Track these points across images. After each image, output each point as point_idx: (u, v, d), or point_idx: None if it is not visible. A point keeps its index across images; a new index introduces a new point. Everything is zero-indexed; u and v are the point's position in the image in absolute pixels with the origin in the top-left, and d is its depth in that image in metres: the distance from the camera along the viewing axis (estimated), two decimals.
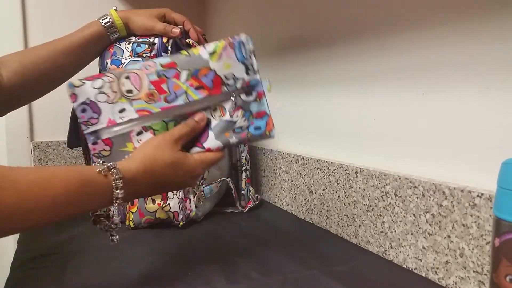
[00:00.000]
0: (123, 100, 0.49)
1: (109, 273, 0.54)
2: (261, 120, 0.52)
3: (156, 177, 0.48)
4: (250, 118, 0.51)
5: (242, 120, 0.51)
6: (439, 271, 0.51)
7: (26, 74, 0.63)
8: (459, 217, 0.48)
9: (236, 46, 0.52)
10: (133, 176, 0.45)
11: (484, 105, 0.47)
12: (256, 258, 0.58)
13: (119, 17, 0.69)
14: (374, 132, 0.63)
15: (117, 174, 0.43)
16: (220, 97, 0.51)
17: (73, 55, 0.67)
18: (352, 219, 0.65)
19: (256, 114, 0.52)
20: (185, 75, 0.51)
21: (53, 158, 1.05)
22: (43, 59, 0.65)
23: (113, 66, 0.71)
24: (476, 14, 0.47)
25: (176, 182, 0.50)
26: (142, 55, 0.71)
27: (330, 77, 0.73)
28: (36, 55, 0.65)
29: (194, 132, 0.51)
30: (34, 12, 1.04)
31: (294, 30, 0.83)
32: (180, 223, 0.73)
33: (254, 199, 0.87)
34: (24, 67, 0.63)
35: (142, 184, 0.47)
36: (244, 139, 0.52)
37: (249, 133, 0.51)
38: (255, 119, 0.51)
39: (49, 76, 0.66)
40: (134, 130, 0.50)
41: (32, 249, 0.63)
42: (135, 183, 0.46)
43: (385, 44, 0.60)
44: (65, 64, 0.67)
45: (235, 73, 0.51)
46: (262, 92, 0.52)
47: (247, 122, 0.51)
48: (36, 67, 0.64)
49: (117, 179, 0.43)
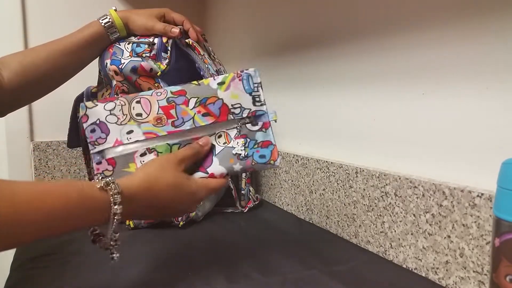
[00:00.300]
0: (132, 122, 0.51)
1: (109, 273, 0.54)
2: (267, 149, 0.53)
3: (157, 197, 0.46)
4: (255, 147, 0.53)
5: (240, 148, 0.52)
6: (439, 271, 0.51)
7: (27, 75, 0.63)
8: (459, 217, 0.48)
9: (244, 78, 0.53)
10: (133, 193, 0.44)
11: (484, 105, 0.47)
12: (256, 258, 0.58)
13: (119, 17, 0.69)
14: (374, 132, 0.63)
15: (116, 189, 0.42)
16: (226, 124, 0.53)
17: (73, 56, 0.67)
18: (352, 219, 0.65)
19: (261, 144, 0.53)
20: (194, 102, 0.52)
21: (53, 158, 1.05)
22: (43, 59, 0.64)
23: (113, 67, 0.70)
24: (476, 14, 0.47)
25: (177, 204, 0.49)
26: (142, 55, 0.71)
27: (330, 77, 0.73)
28: (37, 56, 0.64)
29: (198, 155, 0.51)
30: (34, 12, 1.04)
31: (294, 30, 0.83)
32: (180, 223, 0.73)
33: (254, 199, 0.87)
34: (24, 68, 0.63)
35: (142, 201, 0.45)
36: (249, 167, 0.53)
37: (254, 160, 0.53)
38: (261, 148, 0.53)
39: (49, 76, 0.66)
40: (138, 151, 0.50)
41: (32, 249, 0.63)
42: (134, 200, 0.44)
43: (385, 44, 0.60)
44: (65, 65, 0.67)
45: (242, 104, 0.53)
46: (268, 122, 0.53)
47: (251, 150, 0.53)
48: (36, 67, 0.64)
49: (116, 194, 0.42)
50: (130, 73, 0.70)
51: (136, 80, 0.71)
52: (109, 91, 0.75)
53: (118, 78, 0.71)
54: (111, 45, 0.73)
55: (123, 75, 0.71)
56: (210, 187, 0.51)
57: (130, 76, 0.71)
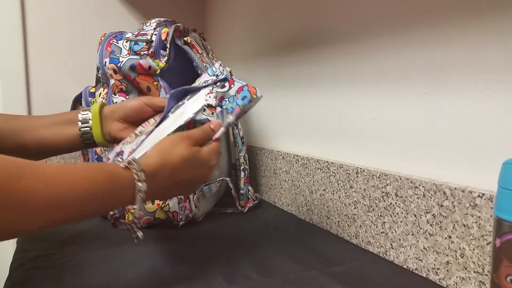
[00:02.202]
0: (138, 137, 0.57)
1: (109, 273, 0.54)
2: (243, 91, 0.56)
3: (175, 172, 0.47)
4: (234, 99, 0.56)
5: (212, 99, 0.56)
6: (440, 272, 0.51)
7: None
8: (460, 217, 0.48)
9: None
10: (153, 170, 0.45)
11: (485, 105, 0.47)
12: (256, 259, 0.58)
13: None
14: (374, 132, 0.63)
15: (139, 166, 0.43)
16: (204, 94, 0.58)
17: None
18: (353, 219, 0.65)
19: (236, 92, 0.56)
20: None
21: (52, 158, 1.05)
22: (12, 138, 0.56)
23: (111, 65, 0.70)
24: (477, 14, 0.47)
25: (193, 175, 0.50)
26: (140, 53, 0.71)
27: (331, 76, 0.72)
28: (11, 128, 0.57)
29: (208, 138, 0.53)
30: (35, 13, 1.04)
31: (294, 30, 0.82)
32: (179, 223, 0.73)
33: (254, 198, 0.86)
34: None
35: (162, 177, 0.46)
36: (240, 113, 0.56)
37: (240, 105, 0.56)
38: (238, 94, 0.56)
39: (11, 150, 0.55)
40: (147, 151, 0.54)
41: (32, 249, 0.63)
42: (156, 176, 0.45)
43: (385, 44, 0.60)
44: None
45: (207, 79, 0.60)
46: (232, 80, 0.58)
47: (234, 102, 0.56)
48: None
49: (139, 171, 0.43)
50: (128, 71, 0.70)
51: (134, 79, 0.71)
52: (106, 90, 0.75)
53: (116, 76, 0.71)
54: (109, 43, 0.72)
55: (122, 74, 0.71)
56: (216, 149, 0.53)
57: (129, 74, 0.71)
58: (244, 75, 1.05)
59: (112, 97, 0.72)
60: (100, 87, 0.77)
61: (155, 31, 0.73)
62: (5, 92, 1.03)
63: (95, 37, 0.82)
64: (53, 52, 1.07)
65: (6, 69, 1.03)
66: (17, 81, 1.04)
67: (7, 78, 1.03)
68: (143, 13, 1.16)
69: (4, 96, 1.03)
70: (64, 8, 1.07)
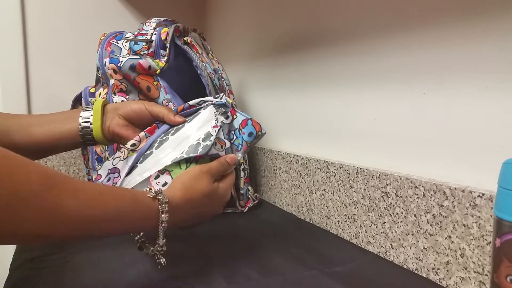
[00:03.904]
0: (131, 153, 0.56)
1: (109, 274, 0.54)
2: (248, 126, 0.58)
3: (195, 207, 0.50)
4: (240, 133, 0.57)
5: (222, 135, 0.56)
6: (440, 272, 0.51)
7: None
8: (460, 217, 0.48)
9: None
10: (178, 204, 0.47)
11: (484, 105, 0.47)
12: (256, 259, 0.58)
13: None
14: (374, 132, 0.63)
15: (164, 199, 0.45)
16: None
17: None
18: (353, 219, 0.65)
19: (241, 126, 0.58)
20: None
21: (52, 158, 1.05)
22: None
23: (111, 65, 0.70)
24: (477, 14, 0.47)
25: (209, 210, 0.53)
26: (140, 52, 0.71)
27: (331, 76, 0.72)
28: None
29: (224, 171, 0.55)
30: (35, 13, 1.04)
31: (294, 30, 0.82)
32: None
33: (253, 198, 0.86)
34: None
35: (185, 211, 0.49)
36: (247, 150, 0.58)
37: (247, 142, 0.57)
38: (243, 129, 0.58)
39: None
40: (152, 175, 0.53)
41: (32, 249, 0.63)
42: (179, 210, 0.47)
43: (385, 44, 0.60)
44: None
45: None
46: (233, 110, 0.58)
47: (240, 137, 0.57)
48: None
49: (164, 203, 0.45)
50: (128, 71, 0.70)
51: (134, 78, 0.71)
52: (106, 90, 0.75)
53: (116, 76, 0.71)
54: (109, 43, 0.72)
55: (122, 73, 0.71)
56: (230, 185, 0.55)
57: (129, 74, 0.71)
58: (244, 75, 1.05)
59: (112, 97, 0.72)
60: (100, 87, 0.77)
61: (155, 31, 0.73)
62: (5, 92, 1.03)
63: (95, 37, 0.82)
64: (53, 52, 1.07)
65: (6, 69, 1.03)
66: (17, 81, 1.04)
67: (7, 78, 1.03)
68: (143, 13, 1.16)
69: (4, 96, 1.03)
70: (64, 8, 1.07)
